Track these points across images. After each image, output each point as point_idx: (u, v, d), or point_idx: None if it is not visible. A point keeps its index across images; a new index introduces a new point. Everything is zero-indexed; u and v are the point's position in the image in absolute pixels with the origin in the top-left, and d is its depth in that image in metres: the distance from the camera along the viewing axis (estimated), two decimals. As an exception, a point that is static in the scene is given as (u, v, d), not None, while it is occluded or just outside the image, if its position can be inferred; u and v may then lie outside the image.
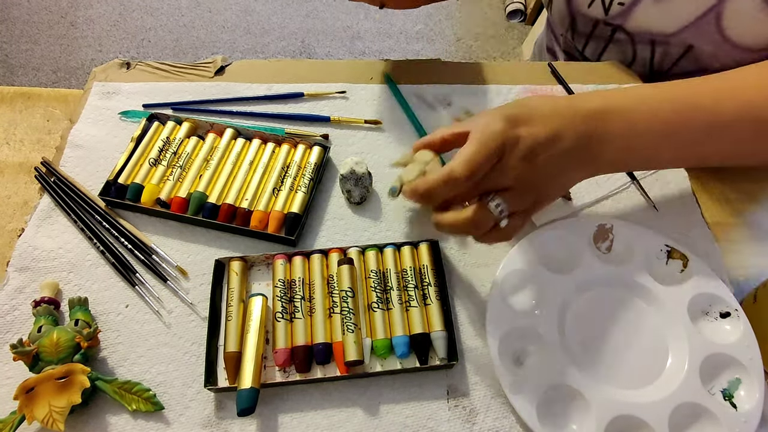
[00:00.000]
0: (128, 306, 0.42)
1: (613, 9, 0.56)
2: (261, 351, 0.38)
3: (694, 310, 0.41)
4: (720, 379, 0.38)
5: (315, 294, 0.41)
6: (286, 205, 0.45)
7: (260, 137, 0.50)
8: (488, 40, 1.88)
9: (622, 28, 0.57)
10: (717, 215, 0.48)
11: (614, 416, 0.36)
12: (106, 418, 0.37)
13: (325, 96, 0.56)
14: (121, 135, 0.52)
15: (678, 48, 0.55)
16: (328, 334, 0.39)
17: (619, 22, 0.56)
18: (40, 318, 0.39)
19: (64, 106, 0.56)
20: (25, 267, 0.43)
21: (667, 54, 0.56)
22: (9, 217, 0.48)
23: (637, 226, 0.45)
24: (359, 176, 0.46)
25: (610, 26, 0.58)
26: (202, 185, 0.46)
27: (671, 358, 0.39)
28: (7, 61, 1.70)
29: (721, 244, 0.46)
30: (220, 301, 0.42)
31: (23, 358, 0.36)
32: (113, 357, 0.40)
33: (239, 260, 0.43)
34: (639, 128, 0.38)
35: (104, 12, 1.85)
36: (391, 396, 0.38)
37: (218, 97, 0.55)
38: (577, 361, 0.39)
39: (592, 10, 0.58)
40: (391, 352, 0.39)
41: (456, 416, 0.38)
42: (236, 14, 1.88)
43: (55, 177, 0.48)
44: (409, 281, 0.41)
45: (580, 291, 0.42)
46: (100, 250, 0.44)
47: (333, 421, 0.37)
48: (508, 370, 0.38)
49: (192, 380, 0.39)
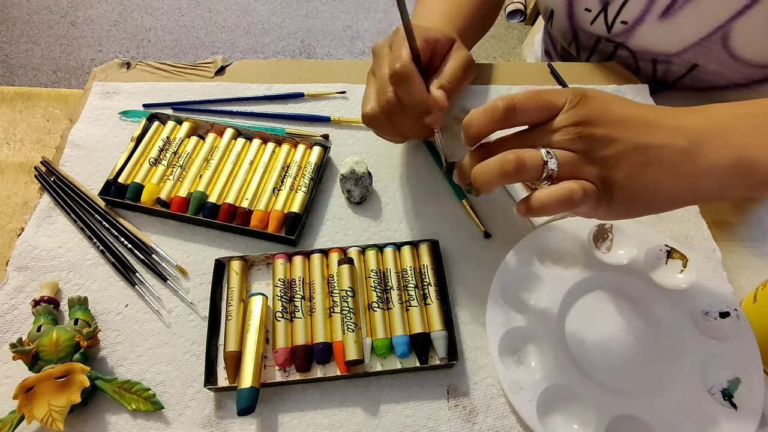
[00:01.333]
0: (128, 305, 0.42)
1: (616, 27, 0.55)
2: (261, 350, 0.38)
3: (694, 310, 0.41)
4: (720, 379, 0.38)
5: (315, 293, 0.41)
6: (286, 204, 0.45)
7: (260, 137, 0.50)
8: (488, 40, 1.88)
9: (625, 45, 0.57)
10: (717, 215, 0.48)
11: (614, 416, 0.36)
12: (105, 417, 0.37)
13: (325, 96, 0.56)
14: (121, 135, 0.52)
15: (681, 67, 0.54)
16: (328, 333, 0.39)
17: (622, 39, 0.56)
18: (40, 317, 0.39)
19: (64, 106, 0.56)
20: (24, 266, 0.43)
21: (670, 71, 0.56)
22: (9, 216, 0.48)
23: (637, 226, 0.45)
24: (359, 176, 0.46)
25: (613, 43, 0.57)
26: (202, 185, 0.46)
27: (671, 358, 0.39)
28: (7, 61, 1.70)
29: (721, 244, 0.46)
30: (220, 301, 0.42)
31: (23, 357, 0.36)
32: (113, 356, 0.40)
33: (239, 260, 0.43)
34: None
35: (104, 12, 1.85)
36: (391, 396, 0.38)
37: (218, 97, 0.55)
38: (577, 361, 0.39)
39: (594, 27, 0.57)
40: (391, 352, 0.39)
41: (456, 416, 0.38)
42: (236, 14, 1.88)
43: (55, 177, 0.48)
44: (409, 281, 0.41)
45: (580, 291, 0.42)
46: (99, 249, 0.44)
47: (333, 420, 0.37)
48: (508, 370, 0.38)
49: (192, 380, 0.39)
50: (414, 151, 0.51)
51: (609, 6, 0.54)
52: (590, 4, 0.55)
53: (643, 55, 0.56)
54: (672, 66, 0.55)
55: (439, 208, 0.48)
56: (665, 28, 0.52)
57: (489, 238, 0.46)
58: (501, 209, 0.48)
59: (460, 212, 0.47)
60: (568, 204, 0.31)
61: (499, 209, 0.48)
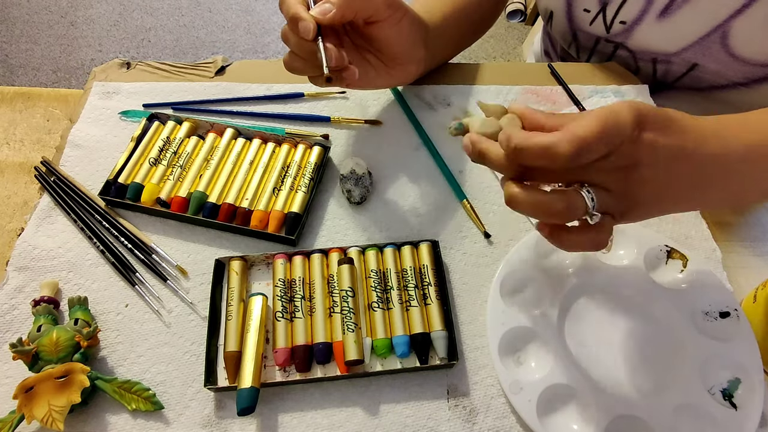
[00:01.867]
0: (128, 305, 0.42)
1: (615, 27, 0.55)
2: (261, 350, 0.38)
3: (694, 310, 0.41)
4: (720, 379, 0.38)
5: (315, 293, 0.41)
6: (286, 204, 0.46)
7: (260, 137, 0.50)
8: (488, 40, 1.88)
9: (625, 45, 0.57)
10: (717, 215, 0.48)
11: (614, 416, 0.36)
12: (105, 417, 0.37)
13: (325, 96, 0.56)
14: (121, 135, 0.52)
15: (681, 66, 0.54)
16: (328, 333, 0.39)
17: (621, 40, 0.56)
18: (40, 317, 0.39)
19: (64, 106, 0.56)
20: (24, 266, 0.43)
21: (670, 71, 0.56)
22: (9, 216, 0.48)
23: (637, 226, 0.45)
24: (359, 176, 0.46)
25: (612, 43, 0.58)
26: (202, 185, 0.46)
27: (671, 358, 0.39)
28: (7, 61, 1.70)
29: (721, 244, 0.46)
30: (220, 301, 0.42)
31: (23, 357, 0.36)
32: (113, 356, 0.40)
33: (239, 260, 0.43)
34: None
35: (104, 12, 1.85)
36: (391, 395, 0.38)
37: (218, 97, 0.55)
38: (577, 361, 0.39)
39: (593, 27, 0.57)
40: (391, 352, 0.39)
41: (456, 416, 0.38)
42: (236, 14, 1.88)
43: (55, 177, 0.48)
44: (409, 281, 0.41)
45: (580, 291, 0.42)
46: (99, 249, 0.44)
47: (333, 420, 0.37)
48: (508, 370, 0.38)
49: (192, 380, 0.39)
50: (414, 151, 0.51)
51: (607, 7, 0.54)
52: (589, 4, 0.55)
53: (643, 54, 0.56)
54: (672, 65, 0.55)
55: (439, 208, 0.48)
56: (664, 27, 0.52)
57: (489, 238, 0.46)
58: (501, 209, 0.48)
59: (460, 212, 0.48)
60: (597, 247, 0.32)
61: (499, 209, 0.48)
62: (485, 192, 0.49)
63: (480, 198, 0.48)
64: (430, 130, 0.53)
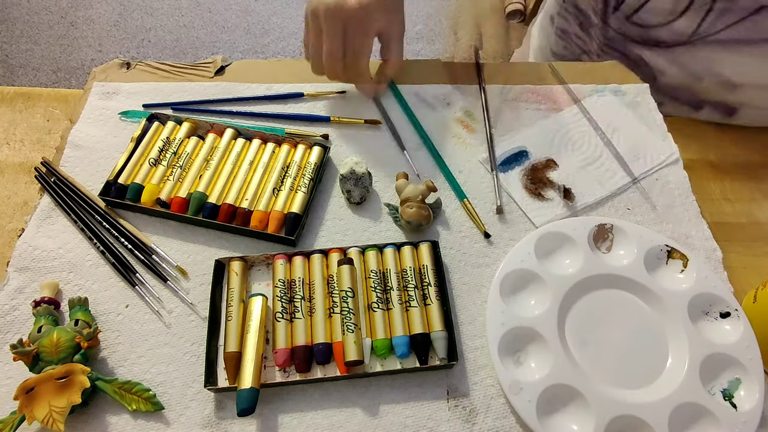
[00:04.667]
0: (128, 306, 0.42)
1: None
2: (261, 351, 0.38)
3: (694, 310, 0.41)
4: (720, 379, 0.38)
5: (315, 294, 0.41)
6: (286, 205, 0.45)
7: (260, 137, 0.50)
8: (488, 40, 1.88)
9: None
10: (717, 215, 0.48)
11: (614, 416, 0.36)
12: (106, 418, 0.37)
13: (325, 96, 0.56)
14: (121, 135, 0.52)
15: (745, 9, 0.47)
16: (328, 334, 0.39)
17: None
18: (40, 318, 0.39)
19: (64, 106, 0.56)
20: (25, 267, 0.43)
21: (729, 9, 0.48)
22: (9, 217, 0.48)
23: (637, 226, 0.45)
24: (359, 176, 0.46)
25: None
26: (202, 185, 0.46)
27: (671, 358, 0.39)
28: (7, 61, 1.70)
29: (721, 244, 0.46)
30: (220, 301, 0.42)
31: (23, 358, 0.36)
32: (113, 357, 0.40)
33: (239, 260, 0.43)
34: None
35: (104, 12, 1.85)
36: (391, 396, 0.38)
37: (218, 97, 0.55)
38: (577, 361, 0.39)
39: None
40: (391, 352, 0.39)
41: (456, 416, 0.38)
42: (236, 14, 1.88)
43: (55, 177, 0.48)
44: (409, 281, 0.41)
45: (580, 291, 0.42)
46: (100, 250, 0.44)
47: (333, 421, 0.37)
48: (508, 370, 0.38)
49: (192, 380, 0.39)
50: (414, 152, 0.51)
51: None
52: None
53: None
54: (735, 2, 0.48)
55: (439, 208, 0.48)
56: None
57: (489, 238, 0.46)
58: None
59: (460, 212, 0.47)
60: None
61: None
62: (485, 192, 0.49)
63: (480, 198, 0.48)
64: (430, 130, 0.53)
